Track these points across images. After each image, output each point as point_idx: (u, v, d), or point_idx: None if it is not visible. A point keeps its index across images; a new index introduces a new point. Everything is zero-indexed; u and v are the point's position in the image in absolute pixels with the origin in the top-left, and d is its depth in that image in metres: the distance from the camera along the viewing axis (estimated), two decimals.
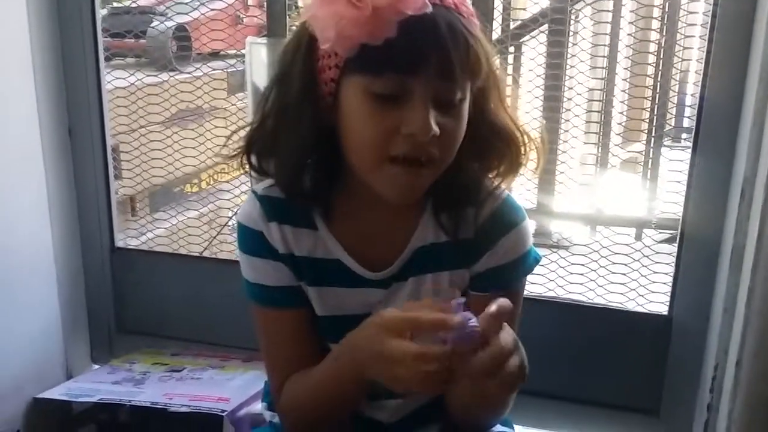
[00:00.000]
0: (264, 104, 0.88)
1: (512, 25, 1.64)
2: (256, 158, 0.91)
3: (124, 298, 1.63)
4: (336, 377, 0.87)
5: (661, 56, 1.58)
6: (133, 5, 1.92)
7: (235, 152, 0.92)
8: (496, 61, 0.90)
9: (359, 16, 0.76)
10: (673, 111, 1.69)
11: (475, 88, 0.84)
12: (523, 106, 1.49)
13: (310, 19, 0.80)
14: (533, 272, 0.99)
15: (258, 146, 0.91)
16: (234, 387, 1.37)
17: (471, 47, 0.80)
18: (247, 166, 0.92)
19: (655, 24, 1.63)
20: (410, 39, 0.77)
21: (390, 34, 0.77)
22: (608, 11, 1.61)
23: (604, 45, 1.60)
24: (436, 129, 0.80)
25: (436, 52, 0.78)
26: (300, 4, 1.50)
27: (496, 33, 1.56)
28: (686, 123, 1.74)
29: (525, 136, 0.92)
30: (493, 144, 0.90)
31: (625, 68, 1.60)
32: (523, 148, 0.91)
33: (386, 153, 0.82)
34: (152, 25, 1.97)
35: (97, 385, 1.41)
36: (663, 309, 1.35)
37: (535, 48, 1.56)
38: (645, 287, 1.41)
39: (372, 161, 0.84)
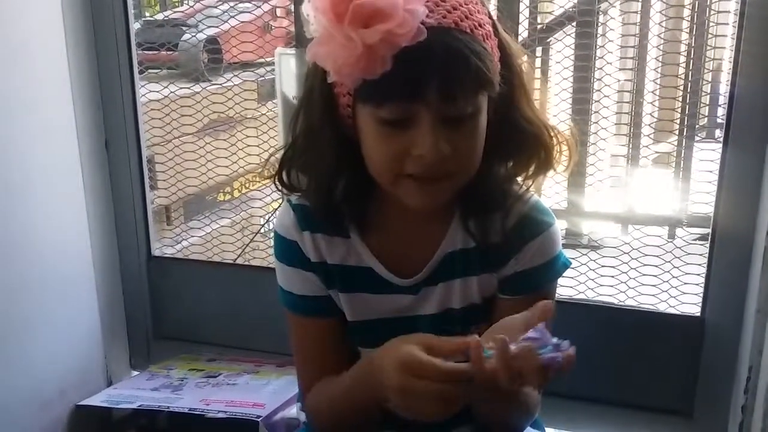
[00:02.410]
0: (293, 126, 0.91)
1: (540, 26, 1.64)
2: (288, 176, 0.94)
3: (161, 305, 1.67)
4: (359, 393, 0.89)
5: (692, 52, 1.56)
6: (165, 18, 1.96)
7: (271, 173, 0.94)
8: (522, 63, 0.90)
9: (351, 55, 0.76)
10: (706, 107, 1.67)
11: (495, 94, 0.84)
12: (553, 105, 1.50)
13: (313, 58, 0.81)
14: (562, 275, 0.99)
15: (290, 165, 0.93)
16: (268, 392, 1.40)
17: (472, 64, 0.78)
18: (280, 186, 0.94)
19: (685, 17, 1.62)
20: (406, 69, 0.77)
21: (385, 68, 0.76)
22: (636, 12, 1.60)
23: (633, 46, 1.60)
24: (445, 149, 0.80)
25: (434, 78, 0.78)
26: None
27: (522, 36, 1.55)
28: (720, 118, 1.71)
29: (554, 135, 0.91)
30: (522, 145, 0.90)
31: (653, 69, 1.59)
32: (552, 148, 0.91)
33: (401, 172, 0.83)
34: (184, 37, 2.01)
35: (136, 392, 1.44)
36: (696, 310, 1.34)
37: (561, 51, 1.56)
38: (677, 288, 1.40)
39: (389, 179, 0.86)
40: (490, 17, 0.86)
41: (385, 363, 0.80)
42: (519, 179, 0.94)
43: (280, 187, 0.95)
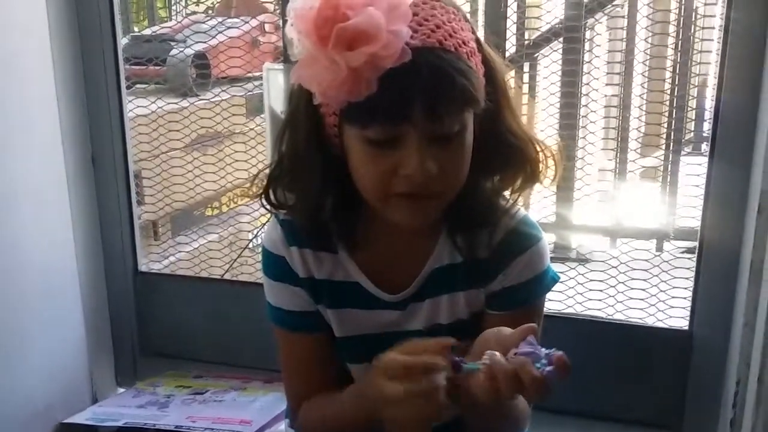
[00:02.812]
0: (279, 145, 0.90)
1: (527, 42, 1.65)
2: (275, 194, 0.93)
3: (148, 321, 1.65)
4: (351, 414, 0.89)
5: (677, 67, 1.58)
6: (153, 33, 1.96)
7: (258, 192, 0.94)
8: (506, 76, 0.89)
9: (336, 78, 0.75)
10: (692, 121, 1.69)
11: (480, 110, 0.83)
12: (541, 120, 1.51)
13: (297, 81, 0.80)
14: (552, 290, 0.99)
15: (276, 184, 0.92)
16: (256, 409, 1.39)
17: (458, 83, 0.78)
18: (267, 204, 0.94)
19: (671, 33, 1.63)
20: (392, 90, 0.76)
21: (370, 90, 0.76)
22: (622, 28, 1.62)
23: (620, 62, 1.61)
24: (432, 168, 0.80)
25: (420, 98, 0.77)
26: None
27: (509, 52, 1.56)
28: (706, 132, 1.73)
29: (540, 148, 0.91)
30: (508, 160, 0.90)
31: (640, 84, 1.60)
32: (538, 161, 0.91)
33: (389, 191, 0.83)
34: (172, 52, 2.01)
35: (122, 409, 1.43)
36: (683, 324, 1.34)
37: (548, 67, 1.57)
38: (665, 302, 1.41)
39: (377, 198, 0.85)
40: (474, 33, 0.85)
41: (372, 376, 0.80)
42: (506, 193, 0.94)
43: (267, 206, 0.94)
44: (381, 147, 0.81)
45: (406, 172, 0.80)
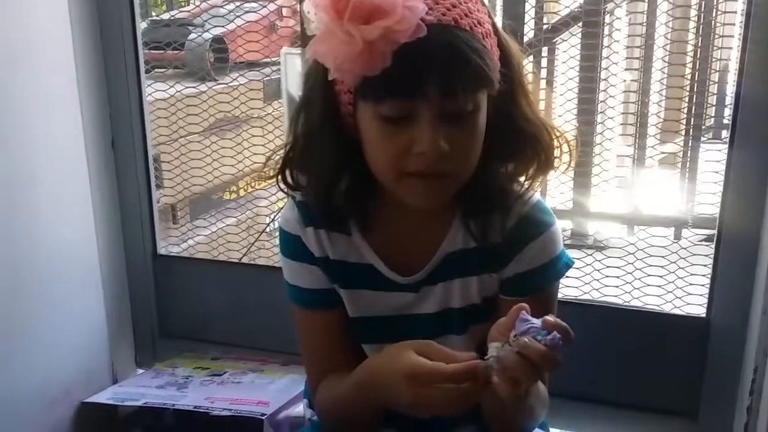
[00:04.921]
0: (294, 126, 0.91)
1: (546, 26, 1.64)
2: (290, 176, 0.94)
3: (167, 303, 1.67)
4: (363, 401, 0.90)
5: (698, 52, 1.56)
6: (172, 18, 1.97)
7: (273, 173, 0.95)
8: (522, 62, 0.89)
9: (352, 52, 0.76)
10: (712, 107, 1.67)
11: (494, 93, 0.83)
12: (559, 105, 1.50)
13: (313, 56, 0.81)
14: (567, 276, 0.99)
15: (291, 166, 0.93)
16: (273, 391, 1.40)
17: (472, 61, 0.78)
18: (284, 185, 0.94)
19: (692, 17, 1.61)
20: (406, 66, 0.77)
21: (385, 64, 0.76)
22: (642, 12, 1.60)
23: (640, 46, 1.60)
24: (444, 146, 0.80)
25: (434, 75, 0.78)
26: None
27: (527, 37, 1.55)
28: (726, 119, 1.71)
29: (555, 135, 0.91)
30: (522, 146, 0.90)
31: (659, 69, 1.58)
32: (552, 148, 0.91)
33: (402, 170, 0.84)
34: (190, 37, 2.01)
35: (142, 390, 1.45)
36: (701, 311, 1.34)
37: (566, 52, 1.56)
38: (682, 289, 1.40)
39: (391, 177, 0.86)
40: (490, 16, 0.86)
41: (390, 379, 0.81)
42: (520, 179, 0.94)
43: (283, 187, 0.95)
44: (395, 124, 0.81)
45: (419, 148, 0.81)
